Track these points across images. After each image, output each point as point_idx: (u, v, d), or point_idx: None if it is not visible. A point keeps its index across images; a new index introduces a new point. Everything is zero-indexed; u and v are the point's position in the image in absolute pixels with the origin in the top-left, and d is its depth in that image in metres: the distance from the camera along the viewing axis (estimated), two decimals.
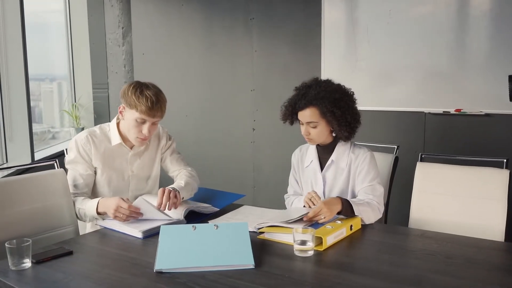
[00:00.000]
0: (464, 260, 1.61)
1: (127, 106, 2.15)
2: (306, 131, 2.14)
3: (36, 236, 2.00)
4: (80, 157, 2.20)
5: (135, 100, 2.09)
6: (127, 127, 2.19)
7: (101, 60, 4.88)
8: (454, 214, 2.11)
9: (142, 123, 2.15)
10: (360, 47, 3.21)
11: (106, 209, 2.02)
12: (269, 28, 3.71)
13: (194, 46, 4.11)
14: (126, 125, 2.20)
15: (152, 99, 2.09)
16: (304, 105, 2.09)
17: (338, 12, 3.28)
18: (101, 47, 4.85)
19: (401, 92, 3.14)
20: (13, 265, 1.60)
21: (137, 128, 2.16)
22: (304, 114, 2.11)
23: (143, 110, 2.09)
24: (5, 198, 1.97)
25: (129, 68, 4.69)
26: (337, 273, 1.53)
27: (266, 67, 3.76)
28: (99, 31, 4.85)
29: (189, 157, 4.24)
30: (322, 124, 2.10)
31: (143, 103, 2.08)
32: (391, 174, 2.45)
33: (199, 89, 4.15)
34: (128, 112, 2.15)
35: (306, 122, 2.12)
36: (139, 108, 2.09)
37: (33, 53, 4.54)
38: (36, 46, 4.68)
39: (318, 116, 2.09)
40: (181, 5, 4.14)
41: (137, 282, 1.49)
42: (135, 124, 2.14)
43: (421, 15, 3.03)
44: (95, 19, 4.87)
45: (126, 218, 1.97)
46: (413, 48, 3.07)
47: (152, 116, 2.12)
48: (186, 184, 2.25)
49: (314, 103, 2.07)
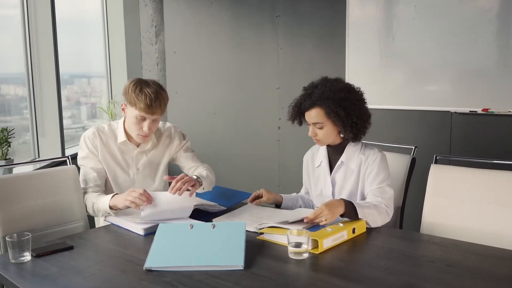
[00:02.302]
0: (464, 269, 1.53)
1: (128, 104, 2.17)
2: (313, 132, 2.09)
3: (46, 230, 2.07)
4: (90, 152, 2.24)
5: (134, 98, 2.11)
6: (129, 124, 2.22)
7: (136, 58, 4.98)
8: (469, 220, 2.00)
9: (142, 120, 2.16)
10: (384, 44, 3.11)
11: (119, 199, 2.03)
12: (295, 26, 3.66)
13: (222, 44, 4.12)
14: (128, 122, 2.23)
15: (151, 97, 2.10)
16: (310, 106, 2.04)
17: (363, 9, 3.20)
18: (136, 45, 4.95)
19: (426, 91, 3.02)
20: (13, 258, 1.65)
21: (138, 125, 2.18)
22: (310, 115, 2.06)
23: (142, 107, 2.11)
24: (17, 193, 2.04)
25: (161, 66, 4.76)
26: (325, 278, 1.49)
27: (291, 65, 3.72)
28: (134, 30, 4.95)
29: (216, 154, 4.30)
30: (328, 125, 2.05)
31: (142, 100, 2.10)
32: (407, 176, 2.36)
33: (227, 87, 4.15)
34: (129, 109, 2.18)
35: (312, 123, 2.07)
36: (138, 106, 2.11)
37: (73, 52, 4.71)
38: (76, 45, 4.85)
39: (324, 117, 2.03)
40: (210, 3, 4.16)
41: (123, 279, 1.51)
42: (135, 121, 2.17)
43: (447, 10, 2.90)
44: (131, 18, 4.97)
45: (137, 201, 1.95)
46: (439, 45, 2.94)
47: (151, 114, 2.14)
48: (207, 176, 2.27)
49: (319, 104, 2.02)
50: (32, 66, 3.58)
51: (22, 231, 1.74)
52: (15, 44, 3.58)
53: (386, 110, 3.17)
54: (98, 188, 2.24)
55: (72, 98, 5.00)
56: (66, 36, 4.29)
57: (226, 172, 4.14)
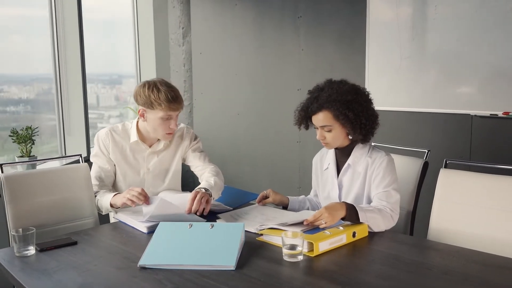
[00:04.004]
0: (460, 277, 1.48)
1: (147, 108, 2.19)
2: (321, 135, 2.07)
3: (56, 226, 2.14)
4: (100, 151, 2.30)
5: (154, 100, 2.14)
6: (153, 127, 2.23)
7: (164, 59, 5.07)
8: (477, 227, 1.94)
9: (168, 119, 2.19)
10: (404, 45, 3.05)
11: (118, 197, 2.09)
12: (316, 26, 3.64)
13: (246, 45, 4.14)
14: (151, 125, 2.23)
15: (171, 94, 2.14)
16: (317, 109, 2.02)
17: (383, 9, 3.14)
18: (164, 47, 5.04)
19: (446, 93, 2.94)
20: (17, 251, 1.71)
21: (164, 125, 2.21)
22: (318, 118, 2.04)
23: (166, 106, 2.14)
24: (31, 189, 2.11)
25: (188, 67, 4.83)
26: (314, 281, 1.48)
27: (312, 66, 3.70)
28: (163, 31, 5.04)
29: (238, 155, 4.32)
30: (336, 128, 2.02)
31: (163, 100, 2.13)
32: (419, 180, 2.30)
33: (250, 88, 4.17)
34: (151, 112, 2.19)
35: (320, 126, 2.05)
36: (161, 106, 2.14)
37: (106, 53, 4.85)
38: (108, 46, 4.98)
39: (332, 120, 2.01)
40: (235, 4, 4.18)
41: (116, 275, 1.54)
42: (161, 122, 2.19)
43: (468, 11, 2.82)
44: (160, 20, 5.06)
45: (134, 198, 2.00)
46: (460, 46, 2.86)
47: (175, 110, 2.18)
48: (215, 184, 2.25)
49: (326, 106, 1.99)
50: (60, 67, 3.70)
51: (33, 226, 1.80)
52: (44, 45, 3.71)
53: (405, 112, 3.11)
54: (106, 188, 2.30)
55: (120, 97, 5.16)
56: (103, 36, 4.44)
57: (247, 172, 4.16)
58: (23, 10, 3.69)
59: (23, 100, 3.76)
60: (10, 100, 3.70)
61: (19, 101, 3.73)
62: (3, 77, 3.61)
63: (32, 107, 3.78)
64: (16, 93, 3.72)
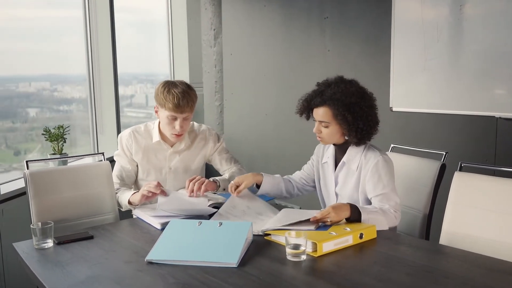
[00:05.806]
0: (459, 281, 1.47)
1: (159, 106, 2.29)
2: (317, 129, 2.11)
3: (78, 220, 2.24)
4: (123, 152, 2.40)
5: (163, 99, 2.24)
6: (163, 125, 2.35)
7: (197, 60, 5.17)
8: (489, 232, 1.90)
9: (174, 120, 2.28)
10: (429, 46, 3.00)
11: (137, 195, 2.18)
12: (342, 28, 3.63)
13: (274, 46, 4.17)
14: (162, 123, 2.35)
15: (178, 97, 2.21)
16: (319, 103, 2.06)
17: (408, 11, 3.10)
18: (197, 48, 5.14)
19: (470, 95, 2.87)
20: (36, 244, 1.82)
21: (170, 125, 2.30)
22: (318, 113, 2.08)
23: (171, 107, 2.22)
24: (54, 185, 2.22)
25: (219, 68, 4.90)
26: (312, 281, 1.50)
27: (337, 67, 3.68)
28: (196, 33, 5.14)
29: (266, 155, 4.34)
30: (333, 125, 2.05)
31: (170, 101, 2.22)
32: (436, 183, 2.27)
33: (278, 89, 4.20)
34: (161, 111, 2.30)
35: (318, 120, 2.09)
36: (167, 106, 2.23)
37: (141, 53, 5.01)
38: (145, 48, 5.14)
39: (330, 117, 2.04)
40: (264, 5, 4.22)
41: (122, 269, 1.61)
42: (168, 121, 2.29)
43: (494, 11, 2.74)
44: (193, 22, 5.16)
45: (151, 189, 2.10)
46: (485, 47, 2.79)
47: (180, 112, 2.25)
48: (230, 177, 2.36)
49: (328, 103, 2.02)
50: (93, 67, 3.84)
51: (55, 220, 1.91)
52: (79, 46, 3.86)
53: (430, 114, 3.06)
54: (125, 185, 2.40)
55: None
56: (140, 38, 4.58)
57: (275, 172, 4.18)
58: (75, 12, 3.87)
59: (75, 99, 3.96)
60: (63, 99, 3.90)
61: (71, 100, 3.94)
62: (57, 77, 3.81)
63: (83, 106, 3.96)
64: (69, 92, 3.93)
